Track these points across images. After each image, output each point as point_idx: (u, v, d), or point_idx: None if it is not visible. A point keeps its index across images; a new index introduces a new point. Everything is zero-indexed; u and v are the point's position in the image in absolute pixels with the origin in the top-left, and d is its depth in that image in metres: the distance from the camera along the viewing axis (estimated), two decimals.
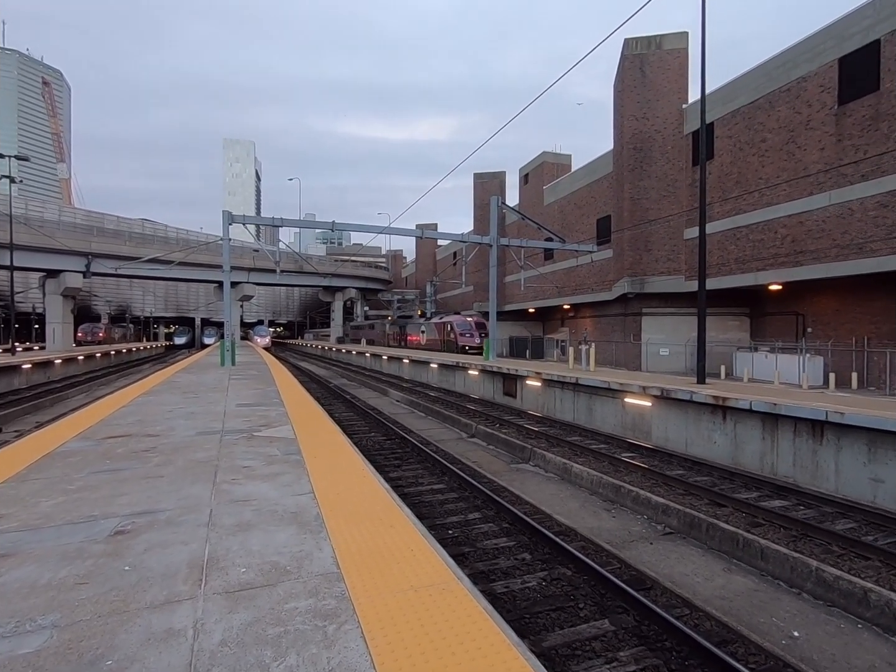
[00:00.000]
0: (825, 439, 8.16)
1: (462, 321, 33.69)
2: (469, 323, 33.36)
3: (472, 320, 33.74)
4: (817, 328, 20.36)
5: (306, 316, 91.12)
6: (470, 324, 33.21)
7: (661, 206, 24.18)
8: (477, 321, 33.71)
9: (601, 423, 13.09)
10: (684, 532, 6.50)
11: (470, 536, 6.27)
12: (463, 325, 33.10)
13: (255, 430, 6.57)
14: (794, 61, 18.82)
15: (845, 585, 4.77)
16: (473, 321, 33.65)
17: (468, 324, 33.22)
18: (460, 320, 33.84)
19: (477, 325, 33.02)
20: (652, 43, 24.43)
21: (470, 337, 32.28)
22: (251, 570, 2.71)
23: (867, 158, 16.41)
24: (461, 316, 35.99)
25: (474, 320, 33.78)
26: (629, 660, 3.87)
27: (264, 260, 46.95)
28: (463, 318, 34.47)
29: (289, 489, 4.11)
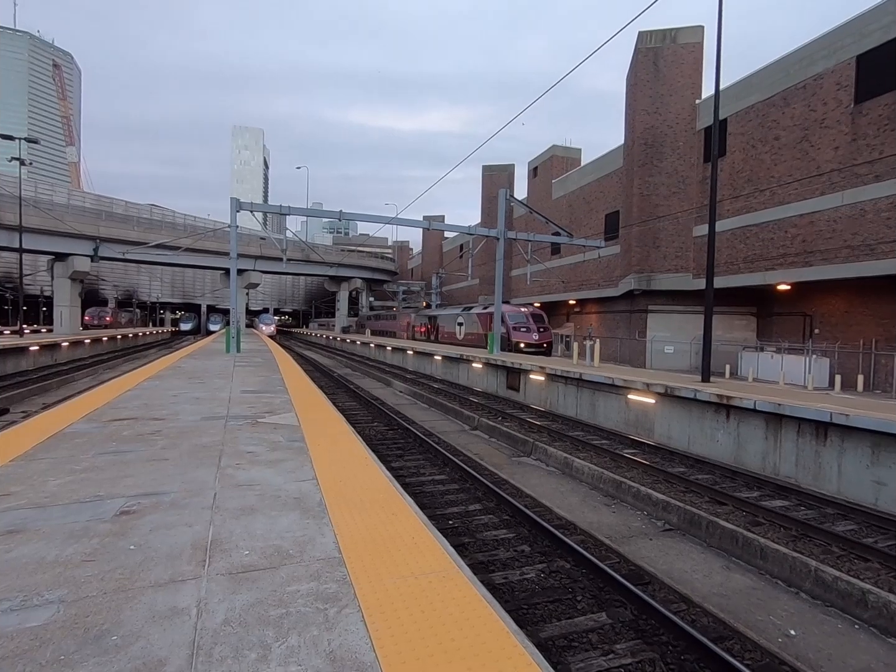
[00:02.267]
0: (829, 441, 8.13)
1: (515, 312, 26.91)
2: (524, 314, 26.71)
3: (527, 311, 27.20)
4: (825, 329, 20.24)
5: (311, 305, 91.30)
6: (525, 315, 26.59)
7: (671, 202, 24.00)
8: (533, 312, 27.24)
9: (604, 419, 13.09)
10: (684, 529, 6.51)
11: (470, 527, 6.31)
12: (517, 318, 26.32)
13: (259, 417, 6.61)
14: (810, 58, 18.55)
15: (844, 586, 4.77)
16: (528, 312, 27.09)
17: (523, 315, 26.61)
18: (512, 311, 26.91)
19: (534, 317, 26.69)
20: (667, 37, 24.14)
21: (526, 332, 25.68)
22: (254, 553, 2.75)
23: (882, 158, 16.20)
24: (513, 306, 28.60)
25: (529, 311, 27.27)
26: (625, 652, 3.90)
27: (271, 248, 47.05)
28: (515, 309, 27.57)
29: (292, 475, 4.15)
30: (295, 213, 19.64)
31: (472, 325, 30.39)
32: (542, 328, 26.12)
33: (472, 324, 30.52)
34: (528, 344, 25.25)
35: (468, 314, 31.38)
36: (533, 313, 26.97)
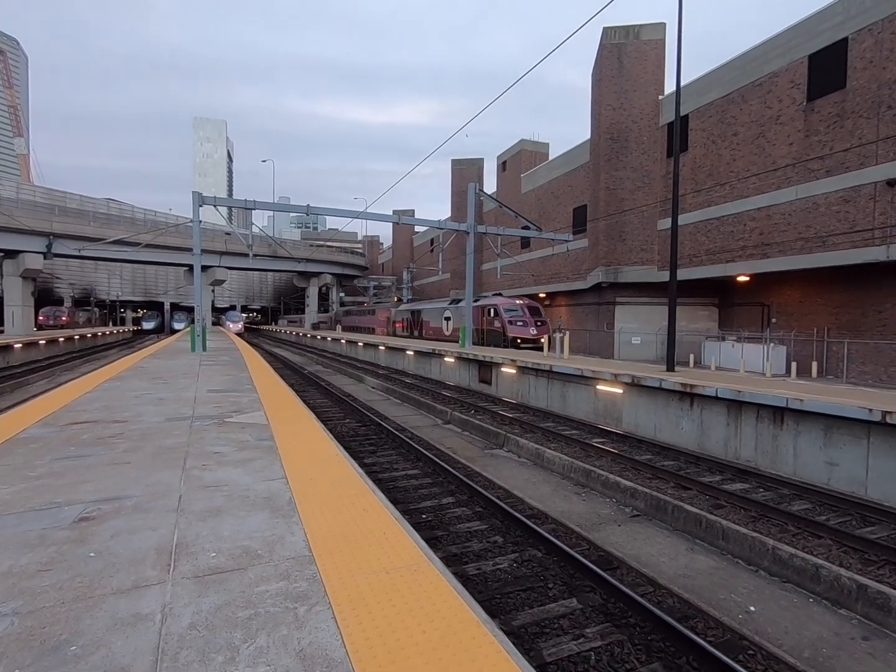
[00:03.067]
0: (785, 425, 8.50)
1: (510, 304, 24.97)
2: (519, 307, 24.78)
3: (522, 303, 25.32)
4: (781, 318, 21.10)
5: (280, 302, 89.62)
6: (521, 308, 24.70)
7: (636, 196, 24.52)
8: (528, 304, 25.34)
9: (574, 409, 13.34)
10: (651, 514, 6.71)
11: (444, 520, 6.35)
12: (512, 310, 24.49)
13: (226, 416, 6.47)
14: (766, 56, 19.18)
15: (799, 562, 5.02)
16: (524, 304, 25.19)
17: (518, 308, 24.69)
18: (507, 303, 25.10)
19: (530, 309, 24.85)
20: (630, 33, 24.54)
21: (523, 326, 23.78)
22: (222, 555, 2.70)
23: (832, 154, 16.93)
24: (507, 298, 26.52)
25: (525, 303, 25.35)
26: (595, 636, 4.01)
27: (237, 244, 45.87)
28: (510, 301, 25.49)
29: (261, 474, 4.08)
30: (261, 208, 19.22)
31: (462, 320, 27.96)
32: (539, 321, 24.35)
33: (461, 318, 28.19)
34: (526, 339, 23.28)
35: (458, 308, 28.86)
36: (529, 305, 25.13)
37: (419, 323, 34.70)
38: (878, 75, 15.76)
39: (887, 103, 15.53)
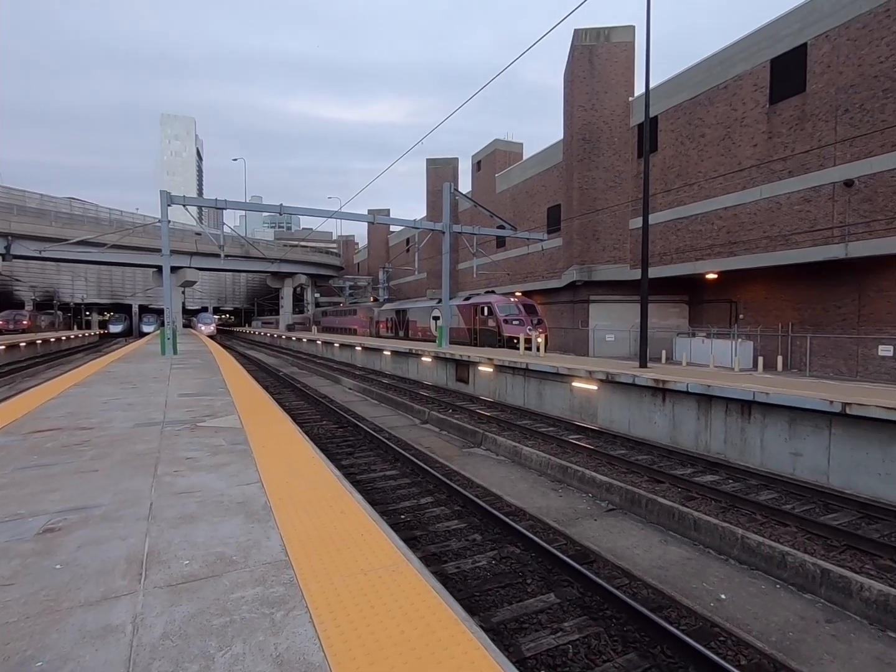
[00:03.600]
0: (752, 418, 8.78)
1: (504, 302, 23.91)
2: (515, 305, 23.76)
3: (517, 300, 24.31)
4: (748, 314, 21.76)
5: (254, 303, 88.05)
6: (516, 306, 23.72)
7: (608, 196, 24.93)
8: (524, 302, 24.28)
9: (550, 406, 13.49)
10: (626, 508, 6.85)
11: (422, 520, 6.35)
12: (507, 309, 23.48)
13: (199, 421, 6.33)
14: (731, 60, 19.74)
15: (766, 550, 5.20)
16: (519, 302, 24.16)
17: (514, 306, 23.72)
18: (501, 301, 24.00)
19: (526, 307, 23.89)
20: (601, 35, 24.92)
21: (520, 325, 22.52)
22: (195, 562, 2.64)
23: (794, 155, 17.54)
24: (501, 296, 25.34)
25: (519, 301, 24.25)
26: (573, 629, 4.08)
27: (207, 244, 44.86)
28: (505, 299, 24.39)
29: (235, 479, 4.01)
30: (232, 208, 18.84)
31: (452, 320, 27.17)
32: (535, 320, 23.28)
33: (451, 317, 27.15)
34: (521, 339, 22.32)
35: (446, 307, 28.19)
36: (524, 303, 24.22)
37: (405, 323, 33.27)
38: (835, 80, 16.40)
39: (844, 107, 16.17)
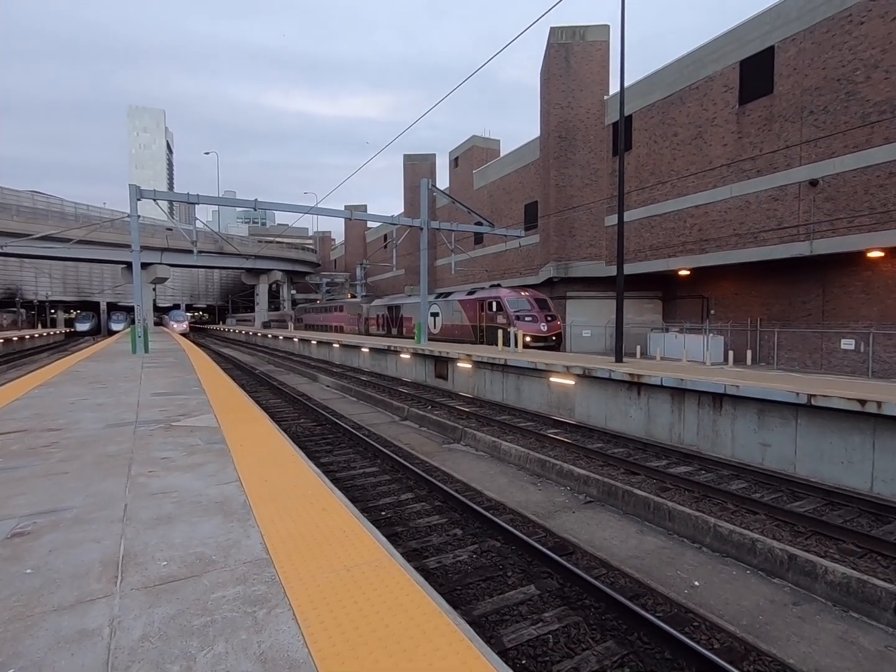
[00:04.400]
0: (723, 410, 9.05)
1: (515, 296, 21.56)
2: (526, 299, 21.47)
3: (528, 294, 21.91)
4: (719, 310, 22.36)
5: (228, 300, 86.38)
6: (527, 300, 21.41)
7: (584, 193, 25.24)
8: (535, 296, 22.03)
9: (528, 402, 13.63)
10: (603, 500, 6.98)
11: (403, 516, 6.35)
12: (518, 304, 21.16)
13: (173, 420, 6.20)
14: (702, 61, 20.17)
15: (737, 538, 5.37)
16: (530, 296, 21.80)
17: (525, 300, 21.39)
18: (511, 295, 21.67)
19: (538, 302, 21.65)
20: (576, 33, 25.16)
21: (532, 322, 20.38)
22: (173, 563, 2.60)
23: (762, 155, 18.04)
24: (511, 289, 22.93)
25: (530, 295, 21.87)
26: (553, 619, 4.15)
27: (179, 240, 43.78)
28: (515, 293, 22.03)
29: (213, 478, 3.95)
30: (205, 202, 18.41)
31: (454, 316, 24.97)
32: (549, 316, 21.20)
33: (453, 314, 25.08)
34: (536, 337, 20.00)
35: (447, 302, 25.66)
36: (536, 297, 21.95)
37: (398, 320, 30.77)
38: (801, 82, 16.93)
39: (809, 108, 16.71)
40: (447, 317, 25.55)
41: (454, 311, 24.94)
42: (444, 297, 26.50)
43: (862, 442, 7.23)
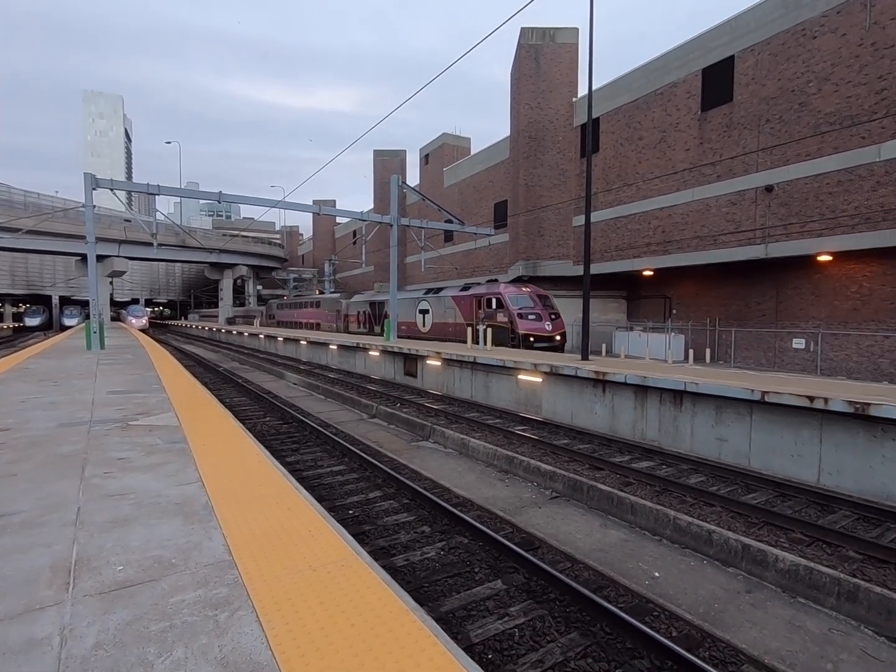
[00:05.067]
0: (683, 406, 9.36)
1: (516, 292, 20.19)
2: (528, 295, 20.10)
3: (530, 290, 20.59)
4: (680, 310, 23.09)
5: (190, 295, 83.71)
6: (530, 297, 20.06)
7: (553, 193, 25.60)
8: (537, 292, 20.67)
9: (497, 399, 13.76)
10: (569, 495, 7.12)
11: (371, 515, 6.32)
12: (520, 300, 19.84)
13: (131, 419, 5.97)
14: (666, 67, 20.73)
15: (695, 529, 5.57)
16: (532, 292, 20.43)
17: (527, 297, 20.04)
18: (513, 291, 20.32)
19: (541, 298, 20.25)
20: (546, 35, 25.44)
21: (536, 321, 19.22)
22: (130, 567, 2.51)
23: (722, 161, 18.71)
24: (511, 285, 21.28)
25: (532, 291, 20.56)
26: (519, 613, 4.21)
27: (138, 232, 42.11)
28: (516, 288, 20.63)
29: (173, 479, 3.83)
30: (166, 194, 17.77)
31: (447, 313, 23.36)
32: (553, 314, 19.92)
33: (445, 311, 23.48)
34: (540, 337, 18.83)
35: (439, 298, 24.11)
36: (538, 293, 20.62)
37: (382, 317, 29.07)
38: (758, 91, 17.63)
39: (766, 117, 17.42)
40: (438, 314, 24.12)
41: (447, 308, 23.38)
42: (434, 293, 25.00)
43: (810, 436, 7.61)
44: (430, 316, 24.88)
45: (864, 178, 15.12)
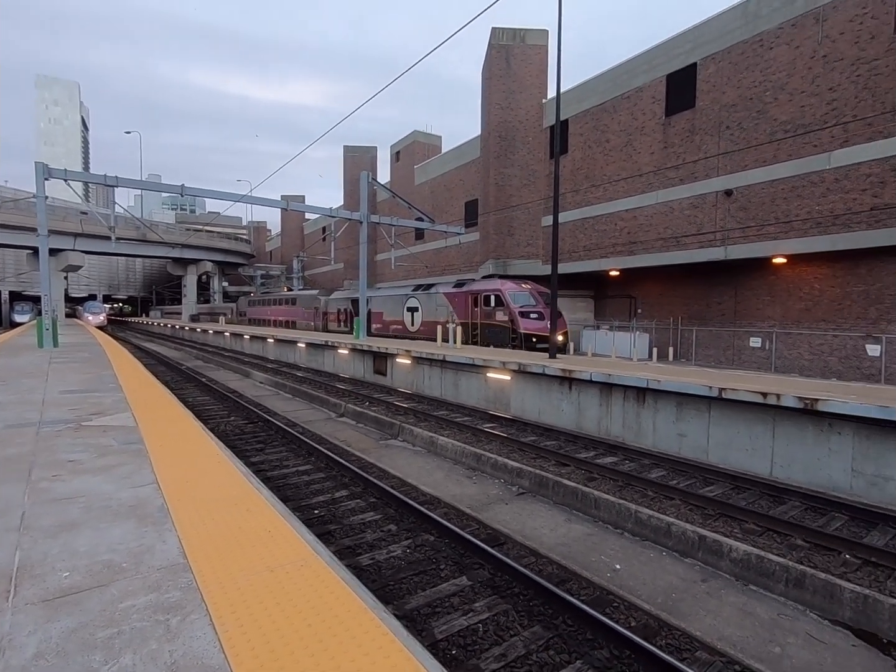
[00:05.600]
0: (646, 403, 9.62)
1: (517, 289, 19.22)
2: (528, 293, 19.17)
3: (531, 287, 19.69)
4: (645, 309, 23.69)
5: (152, 291, 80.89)
6: (531, 294, 19.11)
7: (523, 193, 25.85)
8: (538, 290, 19.72)
9: (466, 397, 13.82)
10: (535, 491, 7.22)
11: (337, 514, 6.25)
12: (521, 298, 18.86)
13: (84, 420, 5.73)
14: (633, 72, 21.21)
15: (655, 522, 5.74)
16: (533, 290, 19.52)
17: (527, 294, 19.10)
18: (513, 287, 19.33)
19: (542, 297, 19.25)
20: (517, 35, 25.64)
21: (538, 319, 18.26)
22: (77, 573, 2.41)
23: (684, 164, 19.28)
24: (511, 281, 20.12)
25: (532, 288, 19.64)
26: (483, 609, 4.24)
27: (96, 225, 40.39)
28: (516, 285, 19.61)
29: (127, 481, 3.70)
30: (125, 185, 17.12)
31: (439, 311, 22.09)
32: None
33: (437, 309, 22.22)
34: (543, 337, 17.37)
35: (429, 295, 22.80)
36: (538, 291, 19.62)
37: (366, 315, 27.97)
38: (719, 98, 18.23)
39: (726, 123, 18.04)
40: (429, 312, 22.81)
41: (438, 306, 22.04)
42: (424, 290, 23.61)
43: (764, 431, 7.94)
44: (419, 314, 23.64)
45: (816, 184, 15.85)
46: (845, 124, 15.11)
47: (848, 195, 15.17)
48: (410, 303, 24.31)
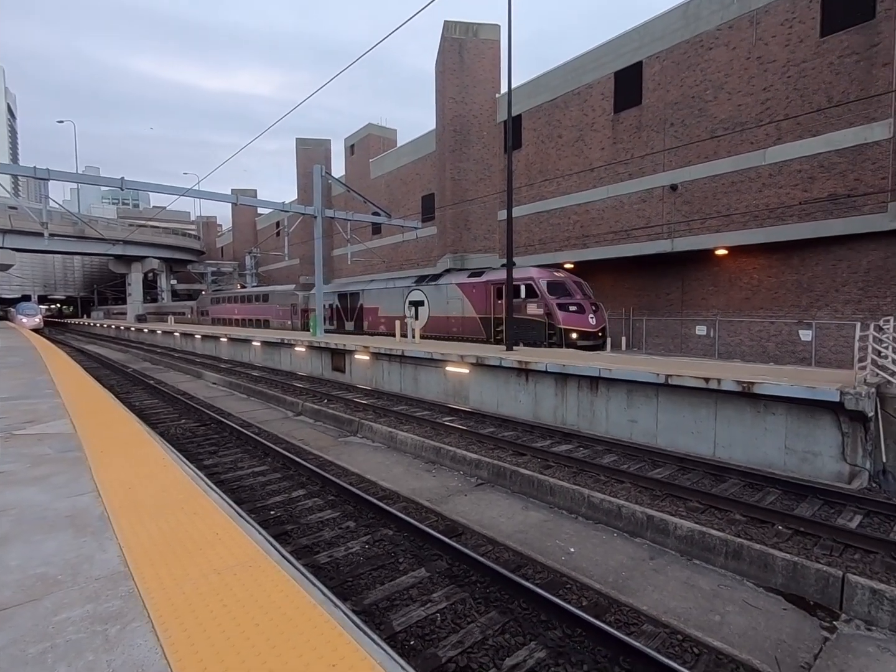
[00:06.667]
0: (599, 392, 9.94)
1: (552, 278, 16.88)
2: (563, 283, 16.85)
3: (565, 276, 17.45)
4: (599, 300, 24.38)
5: (94, 290, 76.51)
6: (567, 285, 16.84)
7: (479, 187, 25.99)
8: (574, 279, 17.57)
9: (426, 391, 13.86)
10: (493, 481, 7.35)
11: (294, 514, 6.17)
12: (557, 289, 16.53)
13: (16, 428, 5.40)
14: (583, 68, 21.66)
15: (607, 505, 5.97)
16: (568, 278, 17.30)
17: (564, 285, 16.80)
18: (547, 275, 16.95)
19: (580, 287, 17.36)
20: (469, 29, 25.65)
21: (578, 312, 15.98)
22: (7, 589, 2.29)
23: (632, 160, 19.90)
24: (543, 269, 17.75)
25: (567, 276, 17.49)
26: (441, 598, 4.31)
27: (27, 220, 37.75)
28: (550, 273, 17.22)
29: (64, 490, 3.52)
30: (57, 179, 16.08)
31: (451, 305, 19.61)
32: (594, 305, 16.81)
33: (448, 302, 19.68)
34: (585, 333, 15.70)
35: (438, 287, 20.03)
36: (576, 281, 17.38)
37: (356, 311, 24.76)
38: (664, 96, 18.90)
39: (670, 121, 18.73)
40: (439, 307, 20.25)
41: (450, 299, 19.54)
42: (432, 281, 21.01)
43: (707, 414, 8.37)
44: (425, 308, 20.92)
45: (753, 179, 16.72)
46: (778, 123, 15.99)
47: (781, 190, 16.09)
48: (414, 296, 21.59)
